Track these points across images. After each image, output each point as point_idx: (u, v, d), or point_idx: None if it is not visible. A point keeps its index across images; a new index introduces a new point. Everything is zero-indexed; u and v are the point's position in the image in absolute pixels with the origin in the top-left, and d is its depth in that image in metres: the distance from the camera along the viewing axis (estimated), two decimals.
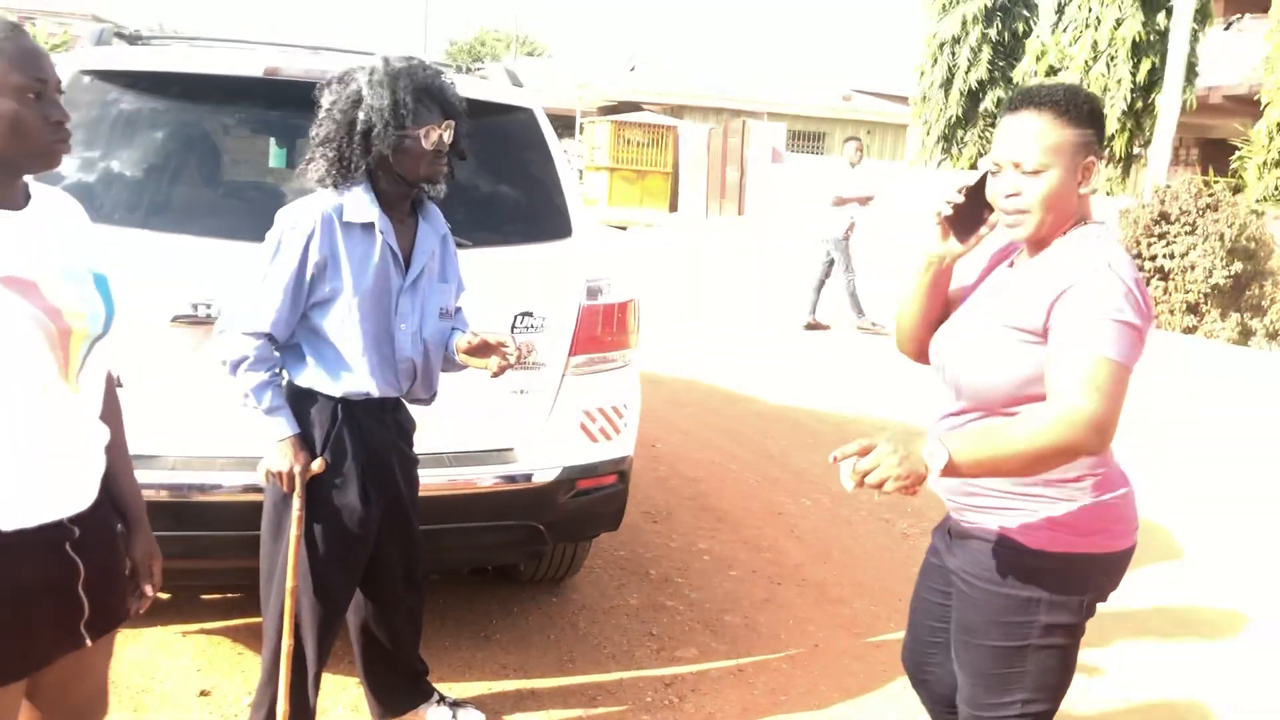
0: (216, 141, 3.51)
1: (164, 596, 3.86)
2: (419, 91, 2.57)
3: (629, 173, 24.70)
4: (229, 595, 3.91)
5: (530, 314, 3.35)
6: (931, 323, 2.29)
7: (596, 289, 3.47)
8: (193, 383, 3.03)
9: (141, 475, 2.97)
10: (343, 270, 2.59)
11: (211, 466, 3.07)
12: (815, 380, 8.86)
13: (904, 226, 16.40)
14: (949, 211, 2.16)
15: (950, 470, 1.83)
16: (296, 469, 2.61)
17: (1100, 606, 2.21)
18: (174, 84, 3.26)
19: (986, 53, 21.69)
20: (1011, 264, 2.22)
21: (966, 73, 21.98)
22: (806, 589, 4.45)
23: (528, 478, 3.35)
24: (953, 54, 22.03)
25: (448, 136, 2.60)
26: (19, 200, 1.79)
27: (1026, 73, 17.63)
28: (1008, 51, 21.71)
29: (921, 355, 2.34)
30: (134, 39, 3.59)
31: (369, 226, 2.61)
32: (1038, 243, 2.09)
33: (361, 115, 2.55)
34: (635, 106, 27.25)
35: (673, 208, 25.10)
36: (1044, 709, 2.18)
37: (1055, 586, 2.09)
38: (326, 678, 3.23)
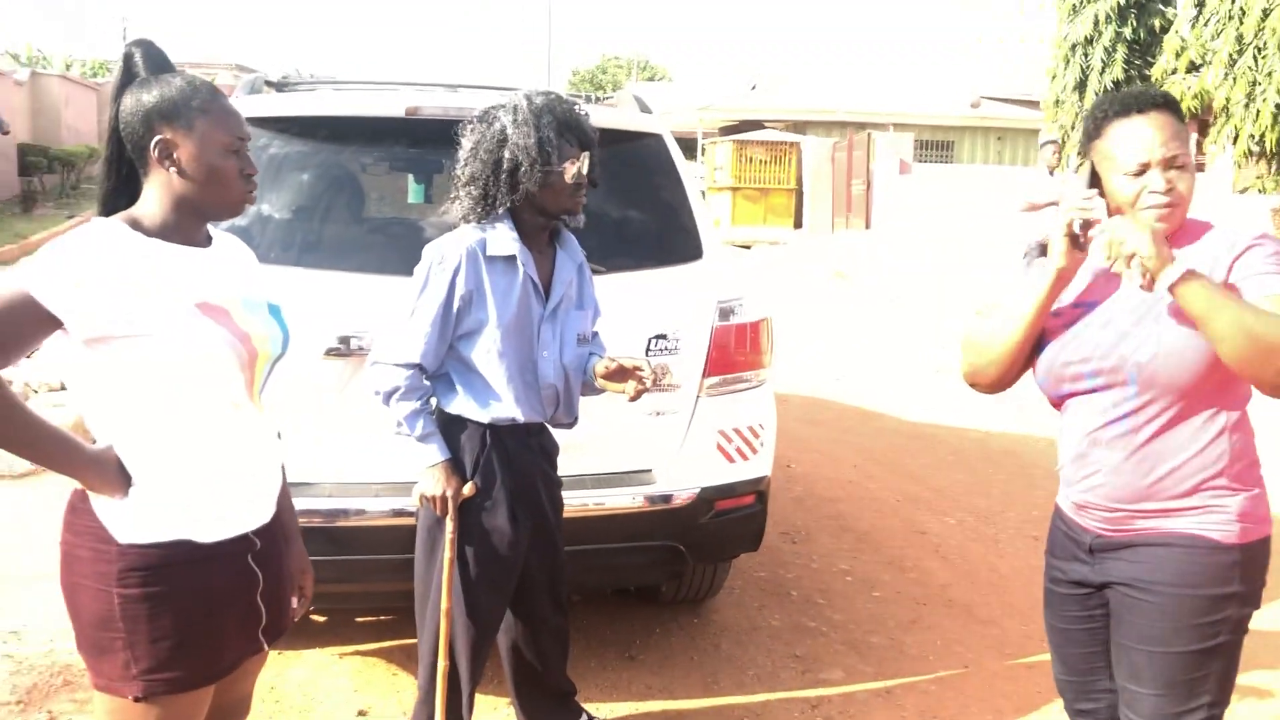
0: (361, 180, 3.66)
1: (321, 619, 4.02)
2: (561, 126, 2.65)
3: (752, 191, 24.62)
4: (383, 618, 4.04)
5: (664, 336, 3.38)
6: (1030, 344, 2.21)
7: (729, 309, 3.48)
8: (345, 412, 3.15)
9: (298, 501, 3.13)
10: (487, 302, 2.68)
11: (365, 492, 3.18)
12: (952, 396, 8.66)
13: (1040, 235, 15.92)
14: (1081, 216, 2.07)
15: (1183, 281, 1.87)
16: (449, 493, 2.71)
17: None
18: (321, 127, 3.42)
19: (1121, 52, 20.90)
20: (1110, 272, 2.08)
21: (1101, 73, 21.23)
22: (954, 610, 4.35)
23: (667, 499, 3.38)
24: (1085, 55, 21.31)
25: (585, 168, 2.67)
26: (205, 240, 1.96)
27: (1165, 70, 16.93)
28: (1144, 49, 20.87)
29: (1005, 383, 2.29)
30: (281, 86, 3.77)
31: (511, 259, 2.70)
32: (1171, 236, 2.06)
33: (507, 154, 2.64)
34: (757, 125, 27.17)
35: (797, 224, 24.90)
36: (1220, 711, 2.14)
37: (1246, 578, 2.08)
38: (478, 698, 3.31)
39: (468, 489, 2.74)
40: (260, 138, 3.35)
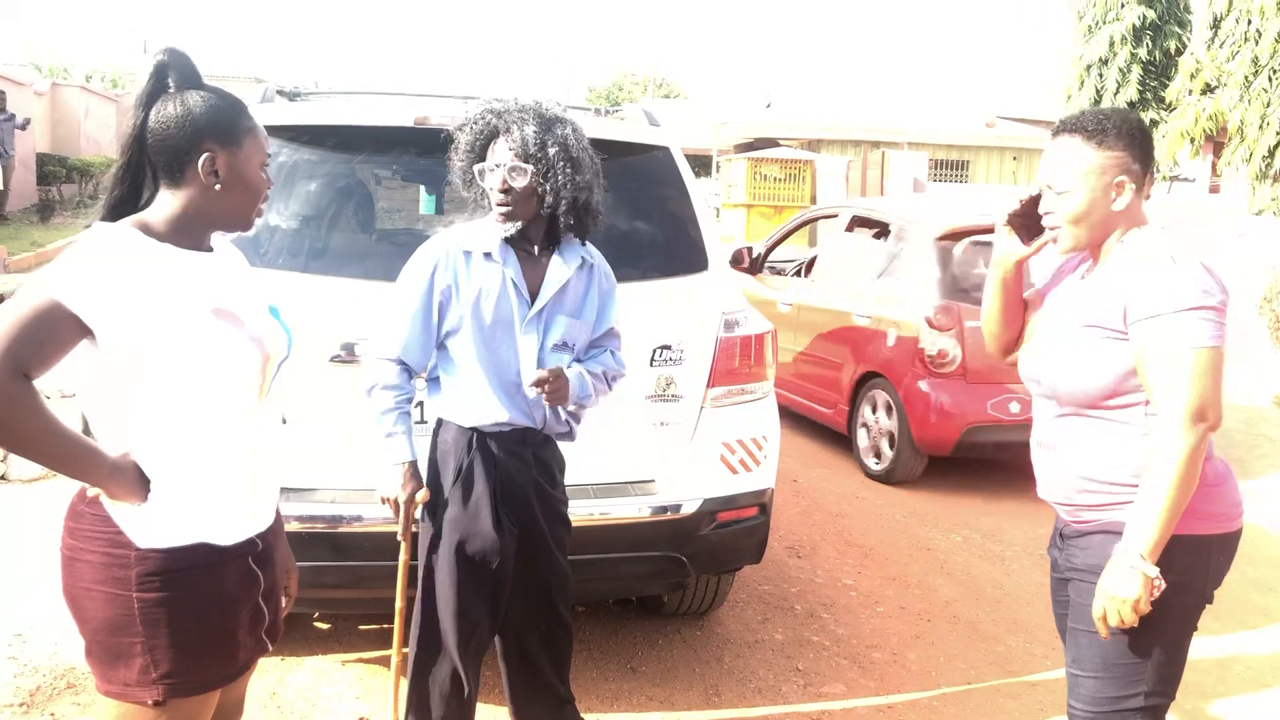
0: (370, 189, 3.70)
1: (324, 626, 4.03)
2: (491, 133, 2.69)
3: (766, 209, 24.61)
4: (385, 626, 4.05)
5: (669, 347, 3.39)
6: (1009, 323, 2.48)
7: (733, 321, 3.49)
8: (350, 418, 3.17)
9: (302, 507, 3.16)
10: (464, 298, 2.71)
11: (368, 499, 3.19)
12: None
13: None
14: (1009, 213, 2.39)
15: (1152, 557, 2.08)
16: (402, 497, 2.73)
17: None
18: (331, 136, 3.45)
19: (1136, 73, 20.92)
20: (1083, 277, 2.34)
21: (1115, 94, 21.23)
22: (957, 626, 4.33)
23: (669, 509, 3.38)
24: (1100, 76, 21.34)
25: (505, 177, 2.65)
26: (209, 246, 1.98)
27: (1180, 91, 16.92)
28: (1159, 71, 20.88)
29: (1005, 355, 2.54)
30: (293, 95, 3.81)
31: (490, 256, 2.71)
32: (1096, 252, 2.27)
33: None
34: (772, 143, 27.21)
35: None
36: (1162, 702, 2.26)
37: (1182, 570, 2.15)
38: (480, 706, 3.31)
39: (421, 495, 2.75)
40: (271, 146, 3.38)
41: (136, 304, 1.76)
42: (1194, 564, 2.18)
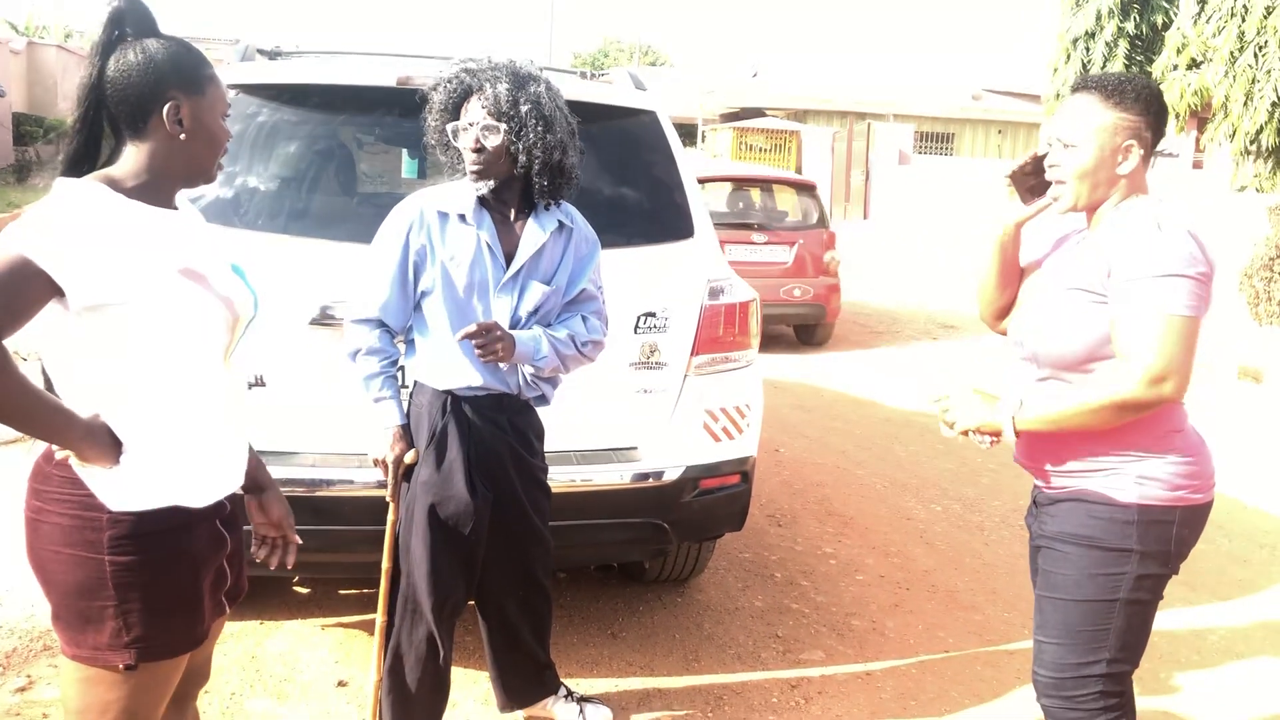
0: (352, 150, 3.65)
1: (303, 591, 4.02)
2: (465, 91, 2.67)
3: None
4: (366, 591, 4.04)
5: (653, 314, 3.37)
6: (1004, 288, 2.49)
7: (718, 289, 3.48)
8: (329, 381, 3.14)
9: (282, 470, 3.13)
10: (439, 260, 2.69)
11: (348, 463, 3.17)
12: (944, 387, 8.67)
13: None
14: (1012, 169, 2.39)
15: (1021, 423, 2.19)
16: (390, 458, 2.74)
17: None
18: (311, 95, 3.40)
19: (1123, 47, 20.84)
20: (1078, 244, 2.36)
21: (1102, 68, 21.17)
22: (936, 595, 4.36)
23: (651, 476, 3.37)
24: (1087, 49, 21.24)
25: (478, 135, 2.63)
26: (174, 204, 1.93)
27: (1166, 66, 16.88)
28: (1145, 45, 20.81)
29: (998, 320, 2.55)
30: (274, 54, 3.75)
31: (465, 219, 2.69)
32: (1091, 215, 2.28)
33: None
34: (758, 112, 27.12)
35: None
36: (1125, 669, 2.29)
37: (1145, 539, 2.20)
38: (459, 671, 3.32)
39: (409, 456, 2.76)
40: (250, 105, 3.33)
41: (106, 262, 1.72)
42: (1159, 534, 2.21)
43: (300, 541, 2.21)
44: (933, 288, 13.93)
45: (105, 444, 1.78)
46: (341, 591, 4.04)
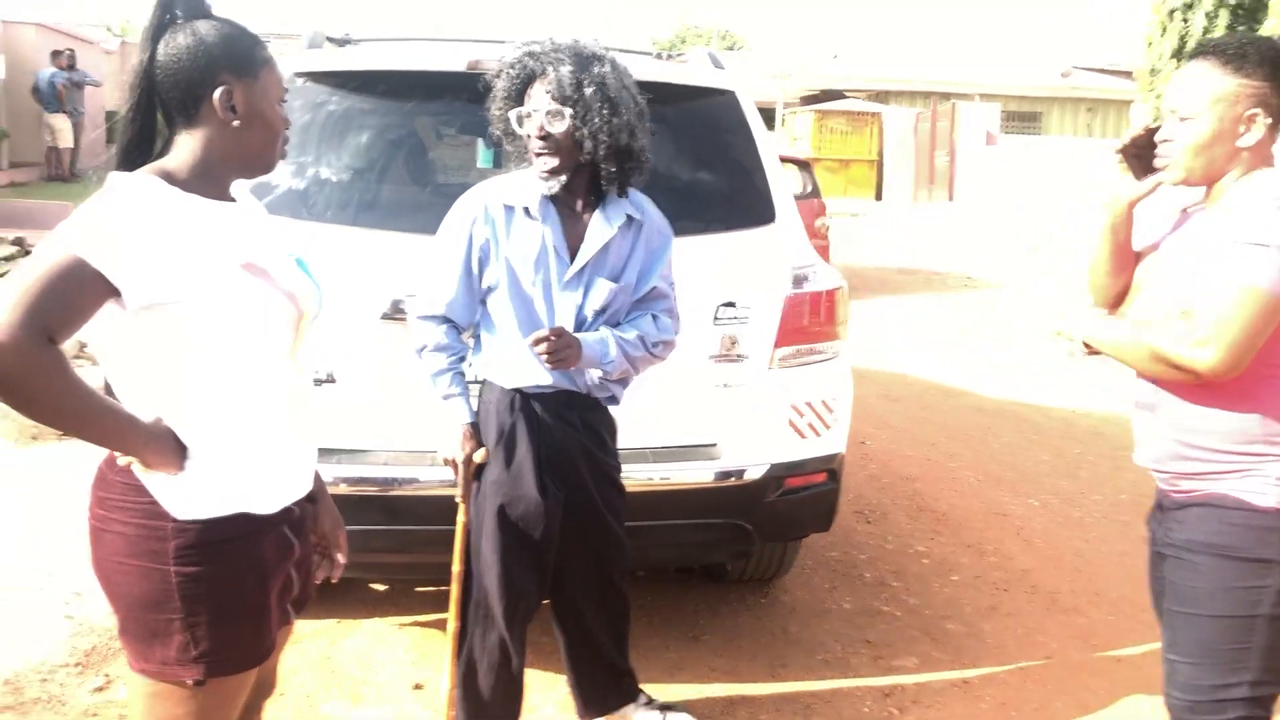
0: (422, 138, 3.55)
1: (380, 589, 3.95)
2: (528, 76, 2.53)
3: (832, 162, 24.19)
4: (443, 588, 3.95)
5: (733, 304, 3.21)
6: (1118, 273, 2.27)
7: (802, 276, 3.30)
8: (401, 378, 3.05)
9: (353, 470, 3.05)
10: (503, 255, 2.58)
11: (421, 461, 3.08)
12: (1036, 374, 8.35)
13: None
14: (1124, 143, 2.22)
15: (1087, 337, 2.16)
16: (460, 457, 2.64)
17: None
18: (380, 82, 3.30)
19: (1224, 16, 19.87)
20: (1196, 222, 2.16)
21: (1202, 39, 20.33)
22: (1036, 596, 4.13)
23: (733, 475, 3.22)
24: (1185, 20, 20.31)
25: (543, 122, 2.49)
26: (232, 196, 1.84)
27: (1272, 34, 16.15)
28: (1249, 13, 19.88)
29: (1112, 306, 2.31)
30: (343, 42, 3.67)
31: (530, 213, 2.57)
32: (1211, 191, 2.08)
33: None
34: (838, 95, 26.62)
35: (878, 196, 24.44)
36: (1270, 693, 2.06)
37: None
38: (537, 675, 3.21)
39: (479, 455, 2.65)
40: (319, 93, 3.25)
41: (164, 260, 1.62)
42: None
43: (345, 561, 2.10)
44: (1022, 269, 13.47)
45: (169, 449, 1.69)
46: (418, 589, 3.97)
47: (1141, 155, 2.19)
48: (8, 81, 15.99)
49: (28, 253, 10.29)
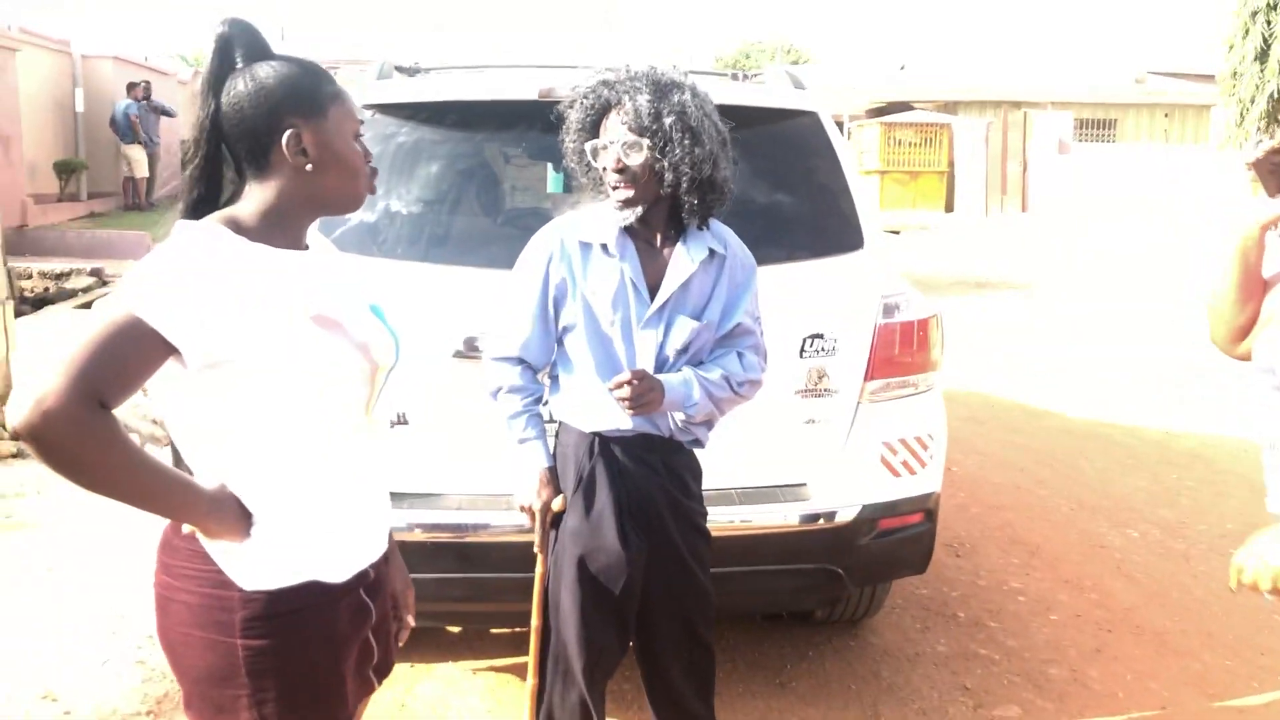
0: (494, 169, 3.45)
1: (455, 630, 3.84)
2: (604, 106, 2.41)
3: (901, 174, 23.88)
4: (518, 629, 3.84)
5: (820, 335, 3.05)
6: (1244, 303, 2.10)
7: (893, 305, 3.13)
8: (476, 418, 2.93)
9: (425, 514, 2.94)
10: (580, 294, 2.45)
11: (496, 505, 2.96)
12: (1124, 392, 8.02)
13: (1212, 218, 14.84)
14: (1255, 156, 2.07)
15: None
16: (537, 505, 2.51)
17: None
18: (452, 112, 3.21)
19: None
20: None
21: None
22: (1143, 638, 3.88)
23: (823, 517, 3.05)
24: (1268, 22, 19.73)
25: (619, 154, 2.36)
26: (305, 242, 1.72)
27: None
28: None
29: (1235, 343, 2.16)
30: (413, 71, 3.58)
31: (607, 249, 2.44)
32: None
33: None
34: (906, 106, 26.28)
35: (949, 208, 24.04)
36: None
37: None
38: None
39: (557, 503, 2.52)
40: (389, 125, 3.16)
41: (227, 315, 1.51)
42: None
43: (413, 624, 1.99)
44: (1100, 279, 13.06)
45: (233, 517, 1.58)
46: (494, 631, 3.85)
47: (1277, 170, 2.00)
48: (86, 114, 16.38)
49: (105, 283, 10.45)
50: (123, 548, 4.40)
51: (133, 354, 1.46)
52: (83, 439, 1.42)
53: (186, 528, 1.60)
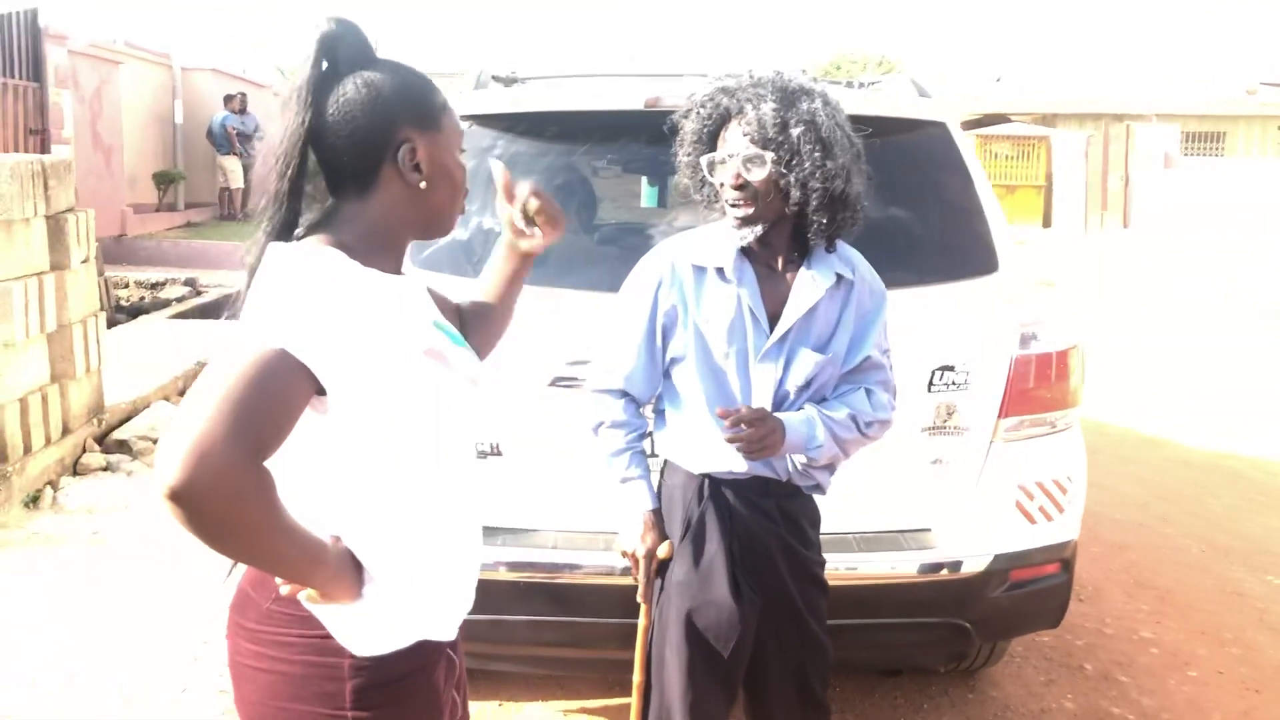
0: (596, 184, 3.25)
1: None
2: (723, 116, 2.19)
3: (997, 188, 22.96)
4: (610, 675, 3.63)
5: (951, 368, 2.78)
6: None
7: (1030, 335, 2.85)
8: (572, 450, 2.73)
9: (517, 552, 2.75)
10: (692, 322, 2.22)
11: (594, 544, 2.75)
12: (1243, 421, 7.53)
13: None
14: None
15: None
16: (641, 551, 2.28)
17: None
18: (550, 123, 3.02)
19: None
20: None
21: None
22: None
23: (950, 566, 2.78)
24: None
25: (739, 169, 2.13)
26: (401, 267, 1.53)
27: None
28: None
29: None
30: (510, 80, 3.41)
31: (723, 274, 2.20)
32: None
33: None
34: (1002, 119, 25.56)
35: (1046, 223, 23.33)
36: None
37: None
38: None
39: (663, 550, 2.29)
40: (485, 138, 2.98)
41: (364, 351, 1.32)
42: None
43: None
44: (1208, 300, 12.42)
45: (351, 576, 1.38)
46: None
47: None
48: (185, 125, 16.71)
49: (199, 293, 10.53)
50: (208, 570, 4.30)
51: (287, 394, 1.26)
52: (245, 500, 1.20)
53: (286, 589, 1.39)
